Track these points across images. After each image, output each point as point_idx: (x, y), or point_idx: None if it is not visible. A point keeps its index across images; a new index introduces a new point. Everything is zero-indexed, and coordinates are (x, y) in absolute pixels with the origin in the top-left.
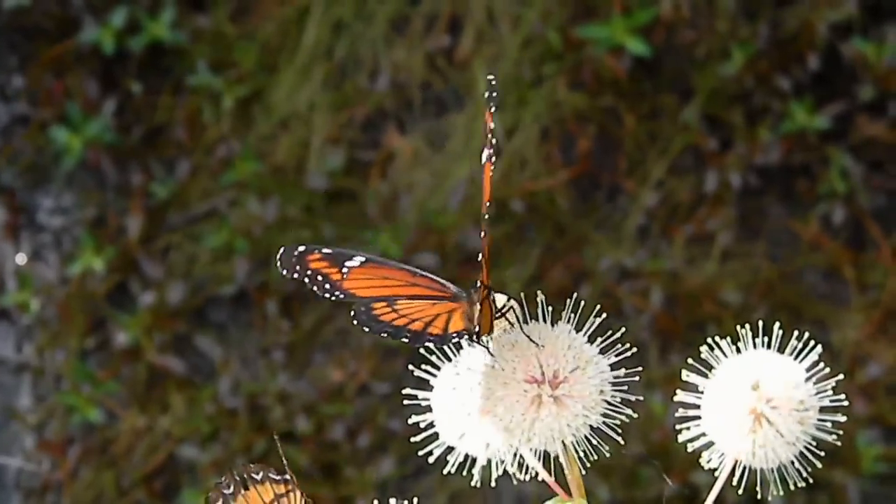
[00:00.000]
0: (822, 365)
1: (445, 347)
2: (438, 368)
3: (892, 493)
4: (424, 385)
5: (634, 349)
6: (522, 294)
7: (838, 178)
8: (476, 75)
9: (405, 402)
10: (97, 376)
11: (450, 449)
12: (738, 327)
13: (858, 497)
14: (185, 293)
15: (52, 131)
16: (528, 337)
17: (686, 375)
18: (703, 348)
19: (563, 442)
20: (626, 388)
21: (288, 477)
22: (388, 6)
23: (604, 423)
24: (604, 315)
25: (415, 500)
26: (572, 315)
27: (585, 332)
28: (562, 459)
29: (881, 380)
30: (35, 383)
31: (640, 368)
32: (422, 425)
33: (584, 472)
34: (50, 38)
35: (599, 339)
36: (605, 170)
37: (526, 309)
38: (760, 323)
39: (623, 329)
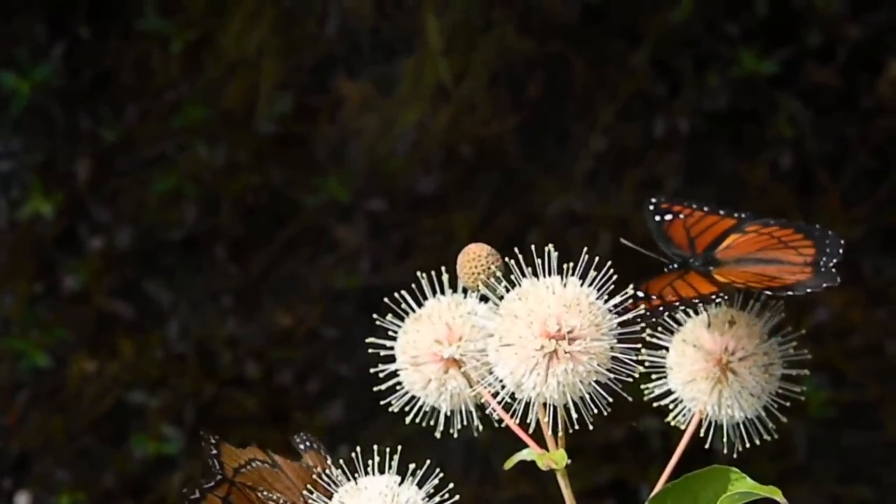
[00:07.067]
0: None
1: (411, 300)
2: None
3: (839, 437)
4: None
5: (643, 307)
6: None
7: (786, 123)
8: (425, 20)
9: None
10: (46, 321)
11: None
12: None
13: (805, 441)
14: (134, 238)
15: (0, 76)
16: (542, 290)
17: (650, 336)
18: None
19: (570, 398)
20: (640, 347)
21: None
22: None
23: (611, 380)
24: (613, 271)
25: None
26: (586, 269)
27: (597, 287)
28: (542, 413)
29: (828, 325)
30: None
31: (642, 325)
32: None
33: (574, 430)
34: None
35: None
36: (554, 115)
37: (539, 263)
38: None
39: (632, 286)
